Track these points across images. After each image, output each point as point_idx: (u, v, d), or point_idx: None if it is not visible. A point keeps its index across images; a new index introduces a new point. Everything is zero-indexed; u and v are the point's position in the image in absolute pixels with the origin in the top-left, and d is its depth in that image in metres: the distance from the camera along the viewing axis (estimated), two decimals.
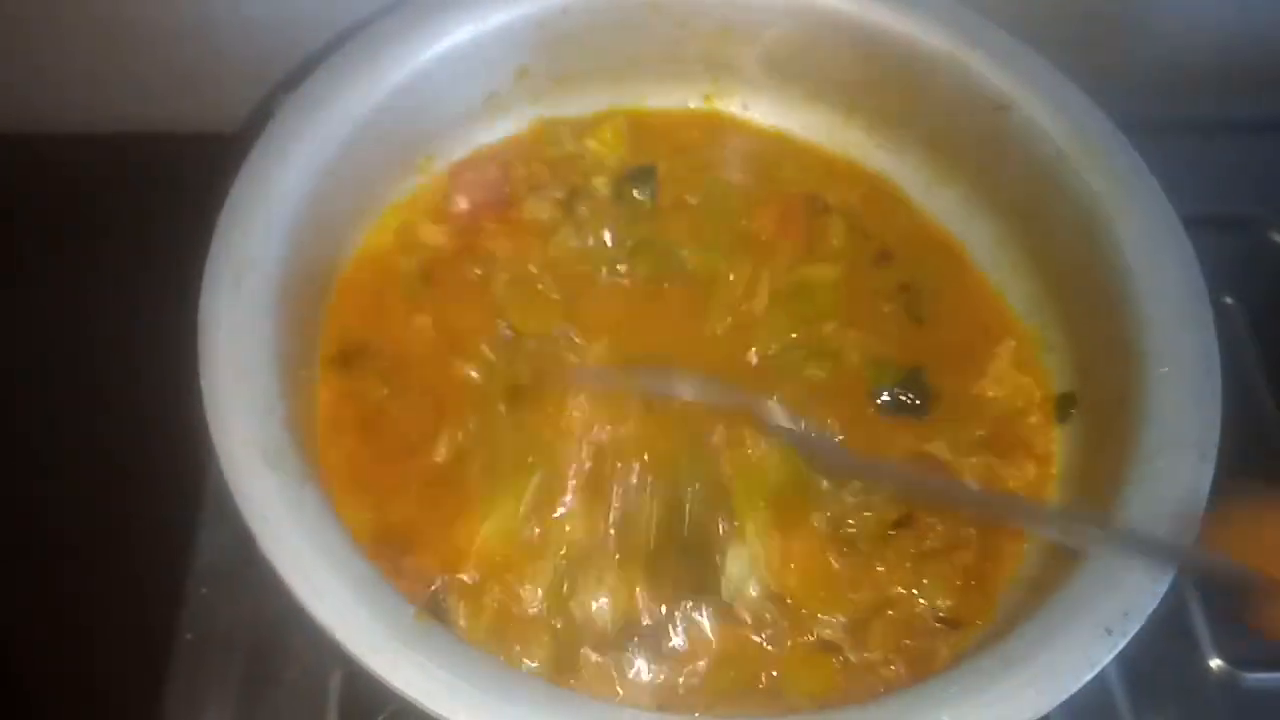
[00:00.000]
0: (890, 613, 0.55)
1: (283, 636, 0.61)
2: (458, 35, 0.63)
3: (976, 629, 0.54)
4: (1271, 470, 0.69)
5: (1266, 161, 0.81)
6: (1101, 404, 0.58)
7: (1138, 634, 0.48)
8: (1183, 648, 0.64)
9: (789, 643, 0.54)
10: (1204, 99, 0.79)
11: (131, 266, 0.72)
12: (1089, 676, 0.46)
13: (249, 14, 0.74)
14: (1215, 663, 0.64)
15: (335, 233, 0.61)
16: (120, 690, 0.62)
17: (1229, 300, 0.74)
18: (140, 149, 0.77)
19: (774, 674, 0.53)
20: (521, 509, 0.56)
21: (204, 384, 0.51)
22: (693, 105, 0.71)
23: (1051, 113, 0.62)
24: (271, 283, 0.54)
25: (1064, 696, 0.46)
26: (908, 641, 0.54)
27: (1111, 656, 0.47)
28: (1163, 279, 0.57)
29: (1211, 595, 0.64)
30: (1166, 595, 0.49)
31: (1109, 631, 0.47)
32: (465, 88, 0.65)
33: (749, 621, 0.54)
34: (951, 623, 0.55)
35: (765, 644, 0.54)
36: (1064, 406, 0.61)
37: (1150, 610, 0.48)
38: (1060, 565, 0.52)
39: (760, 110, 0.71)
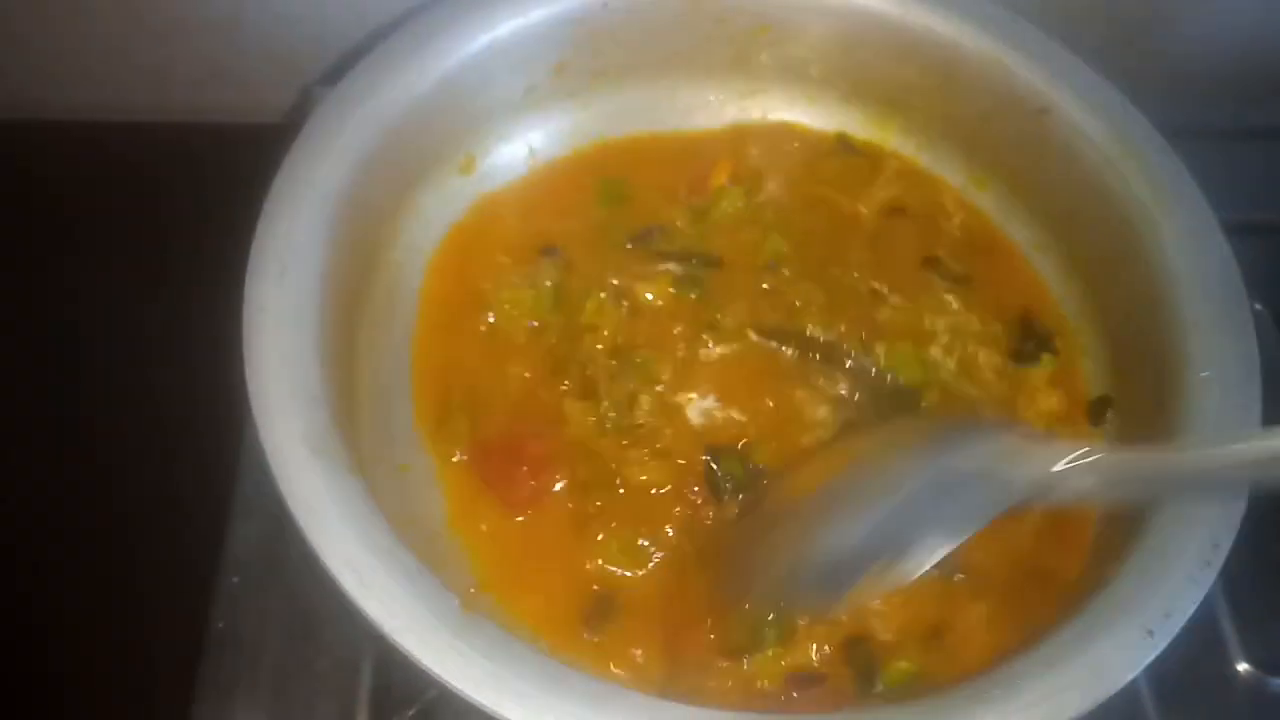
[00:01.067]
0: None
1: (314, 626, 0.61)
2: (499, 30, 0.63)
3: None
4: None
5: None
6: (1138, 408, 0.58)
7: None
8: (1211, 651, 0.64)
9: None
10: (1231, 104, 0.80)
11: (175, 256, 0.72)
12: (1130, 677, 0.47)
13: (282, 7, 0.74)
14: (1243, 667, 0.63)
15: (377, 224, 0.61)
16: (151, 679, 0.63)
17: (1258, 307, 0.73)
18: (185, 138, 0.78)
19: None
20: None
21: (249, 374, 0.51)
22: (728, 103, 0.71)
23: (1092, 116, 0.62)
24: (316, 272, 0.54)
25: (1105, 697, 0.46)
26: None
27: (1153, 657, 0.47)
28: (1203, 283, 0.57)
29: (1240, 599, 0.64)
30: None
31: (1150, 633, 0.47)
32: (505, 82, 0.66)
33: None
34: None
35: None
36: (1099, 410, 0.61)
37: (1191, 611, 0.48)
38: (1101, 568, 0.52)
39: (797, 112, 0.71)
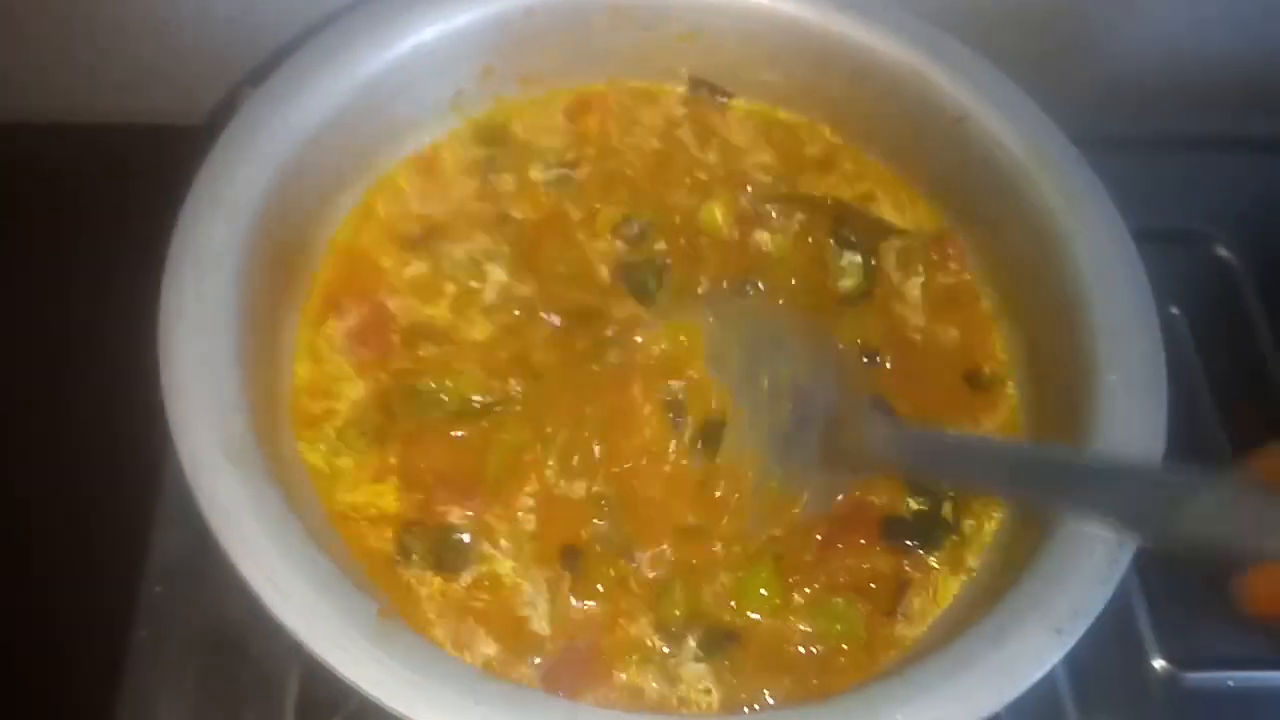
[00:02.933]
0: None
1: (239, 636, 0.61)
2: (424, 33, 0.63)
3: None
4: None
5: (1214, 177, 0.83)
6: (1053, 411, 0.60)
7: (1083, 635, 0.49)
8: (1127, 648, 0.65)
9: None
10: (1153, 115, 0.82)
11: (98, 260, 0.71)
12: (1039, 675, 0.48)
13: (215, 8, 0.73)
14: (1159, 663, 0.65)
15: (301, 228, 0.61)
16: (71, 690, 0.62)
17: (1175, 311, 0.75)
18: (105, 140, 0.76)
19: None
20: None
21: (165, 380, 0.50)
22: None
23: (1007, 125, 0.64)
24: (235, 278, 0.54)
25: (1015, 695, 0.47)
26: None
27: (1061, 655, 0.48)
28: (1113, 289, 0.59)
29: (1156, 597, 0.66)
30: (1112, 596, 0.50)
31: (1059, 631, 0.49)
32: (430, 85, 0.65)
33: None
34: None
35: None
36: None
37: (1099, 610, 0.50)
38: (1008, 571, 0.54)
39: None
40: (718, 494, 0.58)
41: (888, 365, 0.63)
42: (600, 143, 0.69)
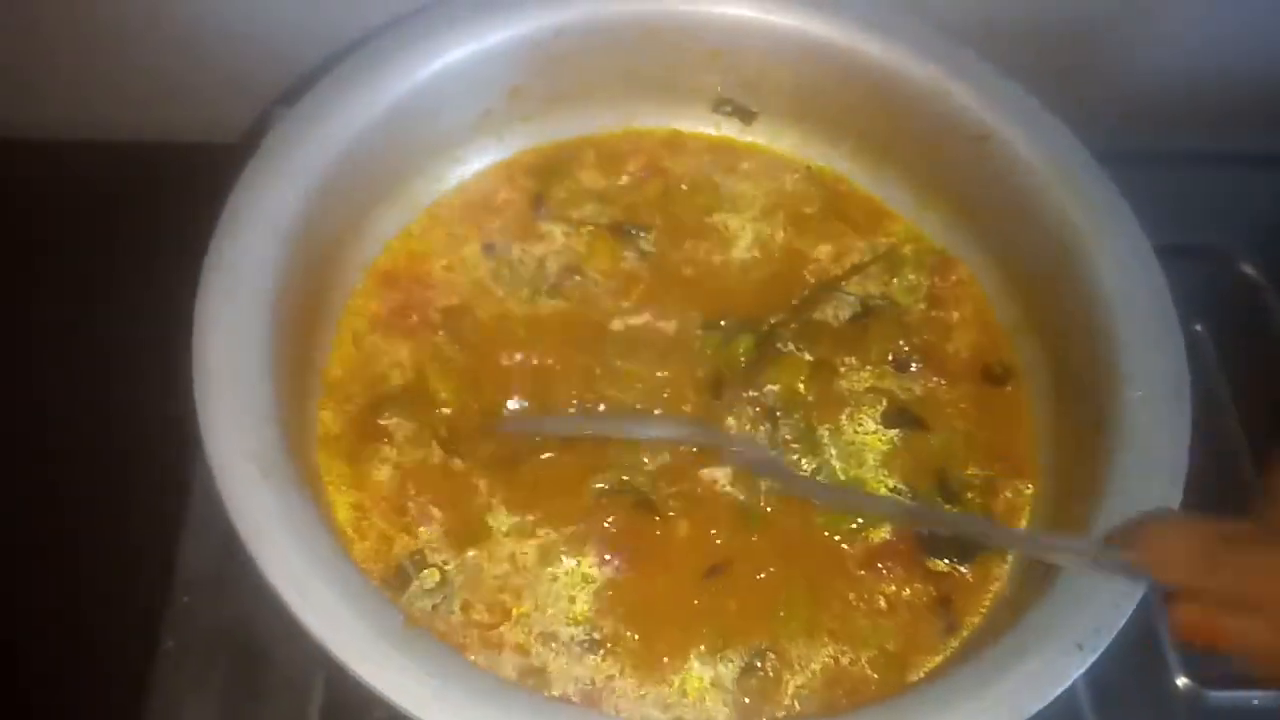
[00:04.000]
0: None
1: (265, 645, 0.61)
2: (454, 54, 0.64)
3: None
4: (1239, 497, 0.71)
5: (1236, 194, 0.83)
6: (1078, 426, 0.60)
7: (1106, 653, 0.49)
8: (1149, 666, 0.65)
9: None
10: (1175, 132, 0.82)
11: (129, 275, 0.72)
12: (1060, 691, 0.48)
13: (246, 28, 0.74)
14: (1181, 681, 0.64)
15: (332, 246, 0.62)
16: (100, 699, 0.62)
17: (1199, 328, 0.75)
18: (136, 158, 0.78)
19: None
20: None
21: (197, 392, 0.51)
22: (684, 128, 0.72)
23: (1030, 142, 0.64)
24: (268, 292, 0.55)
25: (1035, 710, 0.47)
26: None
27: (1082, 671, 0.48)
28: (1136, 305, 0.59)
29: None
30: (1135, 615, 0.50)
31: (1080, 647, 0.49)
32: (460, 105, 0.66)
33: None
34: None
35: None
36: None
37: (1119, 626, 0.50)
38: (1033, 586, 0.54)
39: (753, 134, 0.73)
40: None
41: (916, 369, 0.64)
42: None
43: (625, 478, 0.59)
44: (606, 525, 0.58)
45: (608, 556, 0.57)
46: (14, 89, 0.78)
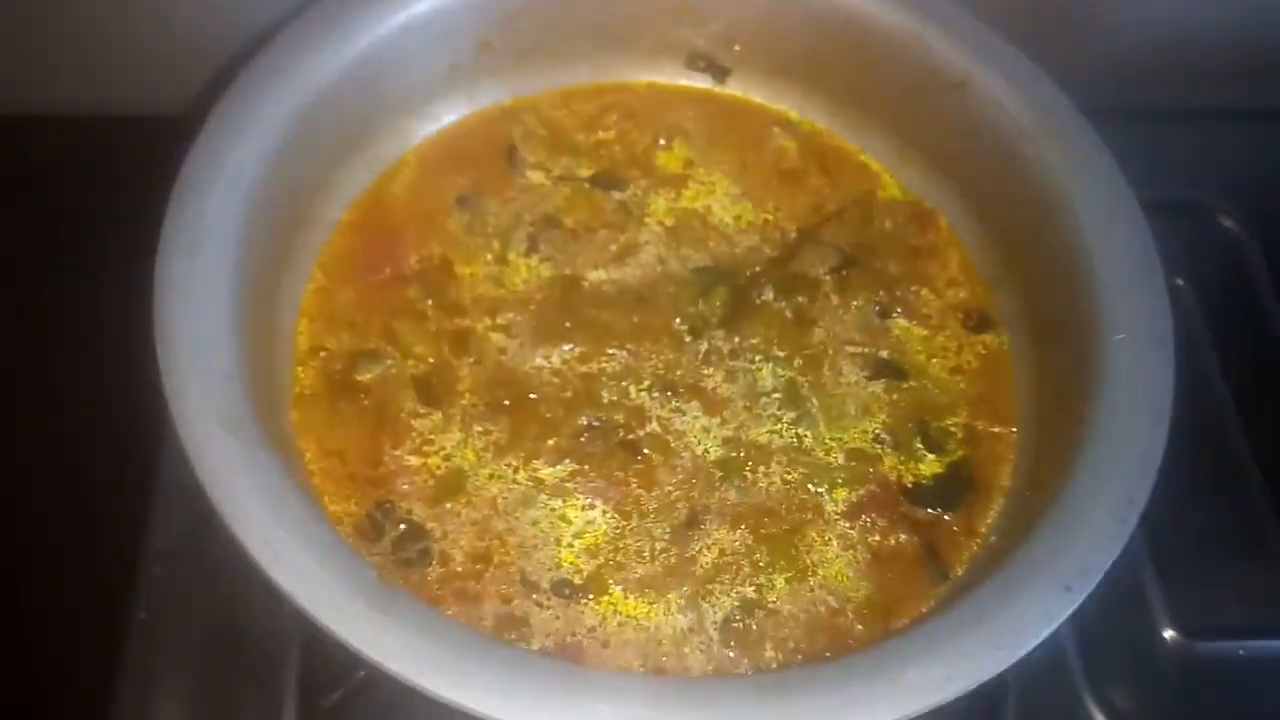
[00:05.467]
0: None
1: (239, 615, 0.60)
2: (418, 6, 0.63)
3: None
4: (1222, 452, 0.71)
5: (1220, 149, 0.83)
6: (1060, 373, 0.59)
7: (1093, 604, 0.49)
8: (1137, 618, 0.65)
9: None
10: (1156, 88, 0.81)
11: (88, 246, 0.70)
12: (1048, 632, 0.47)
13: None
14: (1169, 633, 0.65)
15: (298, 203, 0.60)
16: (71, 670, 0.61)
17: (1180, 282, 0.75)
18: (88, 132, 0.76)
19: None
20: None
21: (160, 350, 0.50)
22: (659, 81, 0.71)
23: (1009, 89, 0.63)
24: (230, 251, 0.53)
25: (1024, 652, 0.46)
26: None
27: (1070, 612, 0.48)
28: (1117, 249, 0.58)
29: (1165, 566, 0.65)
30: (1122, 565, 0.50)
31: (1068, 588, 0.48)
32: (427, 60, 0.65)
33: None
34: None
35: None
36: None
37: (1107, 567, 0.49)
38: (1019, 530, 0.53)
39: (729, 88, 0.72)
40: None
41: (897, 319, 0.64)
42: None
43: (608, 417, 0.58)
44: (589, 469, 0.57)
45: (590, 501, 0.56)
46: None
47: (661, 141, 0.69)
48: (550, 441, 0.58)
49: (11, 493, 0.66)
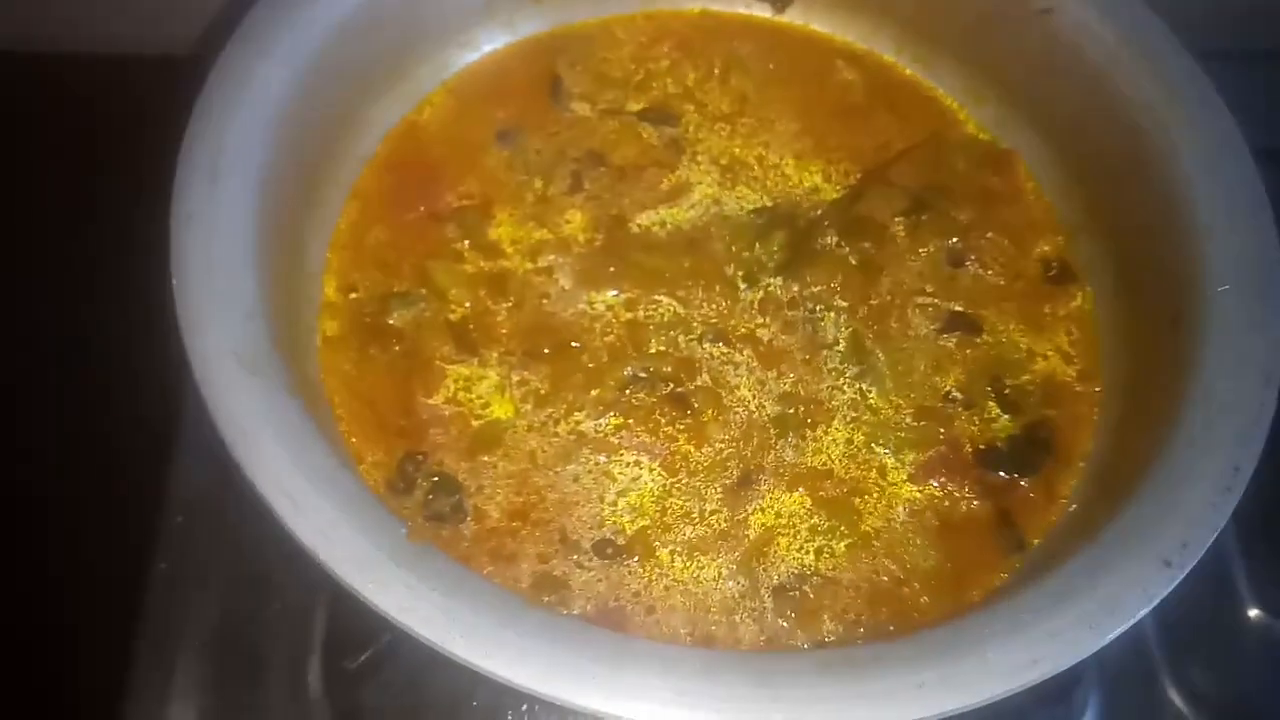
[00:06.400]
0: None
1: (263, 568, 0.57)
2: None
3: None
4: None
5: None
6: (1151, 326, 0.54)
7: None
8: (1220, 597, 0.61)
9: None
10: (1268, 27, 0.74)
11: (106, 190, 0.67)
12: (1145, 611, 0.43)
13: None
14: (1254, 612, 0.61)
15: (327, 135, 0.57)
16: (90, 623, 0.59)
17: None
18: (112, 70, 0.72)
19: None
20: None
21: (176, 286, 0.46)
22: (714, 8, 0.66)
23: (1099, 15, 0.58)
24: (252, 179, 0.50)
25: (1119, 632, 0.42)
26: None
27: (1170, 589, 0.43)
28: (1220, 189, 0.53)
29: (1252, 543, 0.61)
30: None
31: (1168, 564, 0.43)
32: None
33: None
34: None
35: None
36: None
37: (1210, 541, 0.44)
38: (1106, 500, 0.48)
39: (791, 14, 0.67)
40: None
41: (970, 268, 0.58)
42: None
43: (655, 368, 0.54)
44: (635, 422, 0.53)
45: (636, 456, 0.52)
46: None
47: (716, 74, 0.64)
48: (594, 392, 0.54)
49: (30, 439, 0.63)
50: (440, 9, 0.61)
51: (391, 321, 0.55)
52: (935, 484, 0.53)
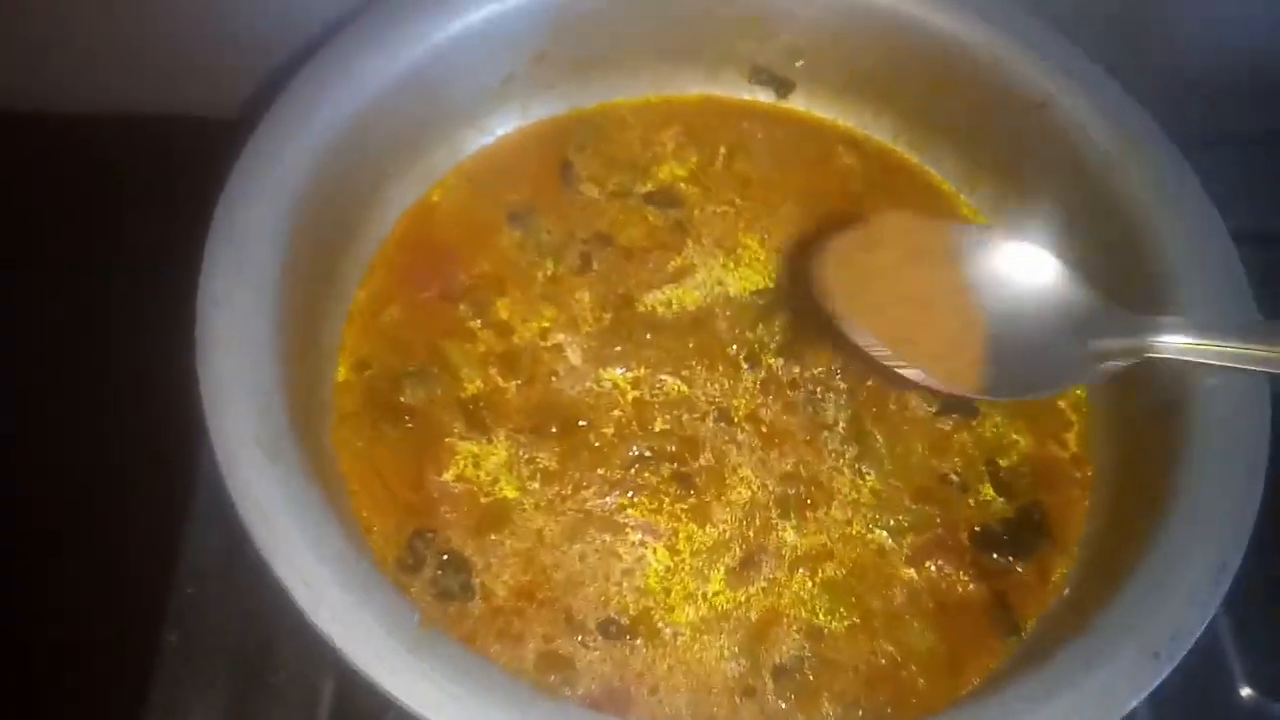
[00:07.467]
0: None
1: (273, 639, 0.58)
2: (474, 14, 0.60)
3: None
4: None
5: None
6: (1142, 414, 0.55)
7: None
8: (1212, 675, 0.61)
9: None
10: (1245, 112, 0.77)
11: (135, 250, 0.69)
12: (1136, 702, 0.44)
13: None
14: (1246, 692, 0.61)
15: (346, 216, 0.58)
16: (100, 694, 0.59)
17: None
18: (146, 132, 0.74)
19: None
20: None
21: (200, 370, 0.48)
22: (720, 94, 0.68)
23: (1093, 112, 0.60)
24: (277, 264, 0.51)
25: None
26: None
27: (1159, 681, 0.44)
28: (1209, 290, 0.55)
29: (1244, 622, 0.61)
30: None
31: (1156, 655, 0.45)
32: (481, 70, 0.63)
33: None
34: None
35: None
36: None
37: (1199, 633, 0.46)
38: (1099, 586, 0.50)
39: (792, 104, 0.69)
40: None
41: None
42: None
43: (660, 447, 0.56)
44: (640, 501, 0.55)
45: (641, 536, 0.54)
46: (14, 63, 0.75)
47: (721, 157, 0.66)
48: (600, 471, 0.55)
49: (43, 505, 0.64)
50: (456, 94, 0.63)
51: (404, 399, 0.56)
52: (932, 566, 0.54)
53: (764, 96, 0.69)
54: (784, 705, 0.50)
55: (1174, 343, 0.51)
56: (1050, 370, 0.53)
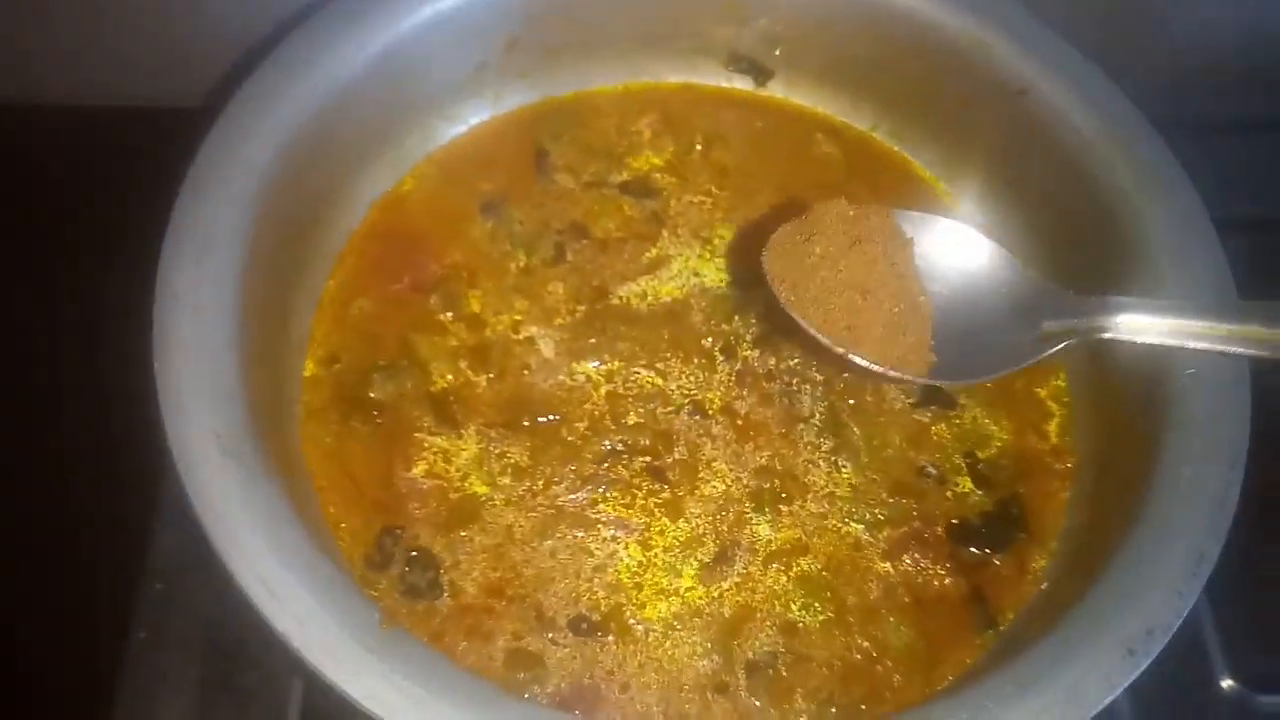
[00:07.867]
0: None
1: (242, 637, 0.57)
2: (444, 1, 0.59)
3: None
4: None
5: None
6: (1122, 405, 0.55)
7: None
8: (1194, 667, 0.61)
9: None
10: (1231, 97, 0.76)
11: (92, 246, 0.67)
12: (1109, 700, 0.43)
13: None
14: (1227, 683, 0.60)
15: (313, 208, 0.57)
16: (67, 691, 0.59)
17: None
18: (108, 123, 0.73)
19: None
20: None
21: (157, 366, 0.47)
22: (697, 82, 0.67)
23: (1073, 98, 0.59)
24: (237, 261, 0.51)
25: None
26: None
27: (1133, 678, 0.44)
28: (1191, 277, 0.54)
29: (1225, 612, 0.61)
30: None
31: (1131, 652, 0.44)
32: (452, 57, 0.62)
33: None
34: None
35: None
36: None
37: (1175, 627, 0.45)
38: (1076, 579, 0.49)
39: (770, 91, 0.68)
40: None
41: None
42: None
43: (633, 440, 0.55)
44: (611, 496, 0.54)
45: (612, 532, 0.53)
46: None
47: (698, 146, 0.65)
48: (571, 466, 0.54)
49: (10, 503, 0.63)
50: (426, 82, 0.62)
51: (373, 394, 0.55)
52: (909, 560, 0.53)
53: (742, 84, 0.68)
54: (757, 702, 0.50)
55: (1128, 322, 0.51)
56: (998, 352, 0.53)
